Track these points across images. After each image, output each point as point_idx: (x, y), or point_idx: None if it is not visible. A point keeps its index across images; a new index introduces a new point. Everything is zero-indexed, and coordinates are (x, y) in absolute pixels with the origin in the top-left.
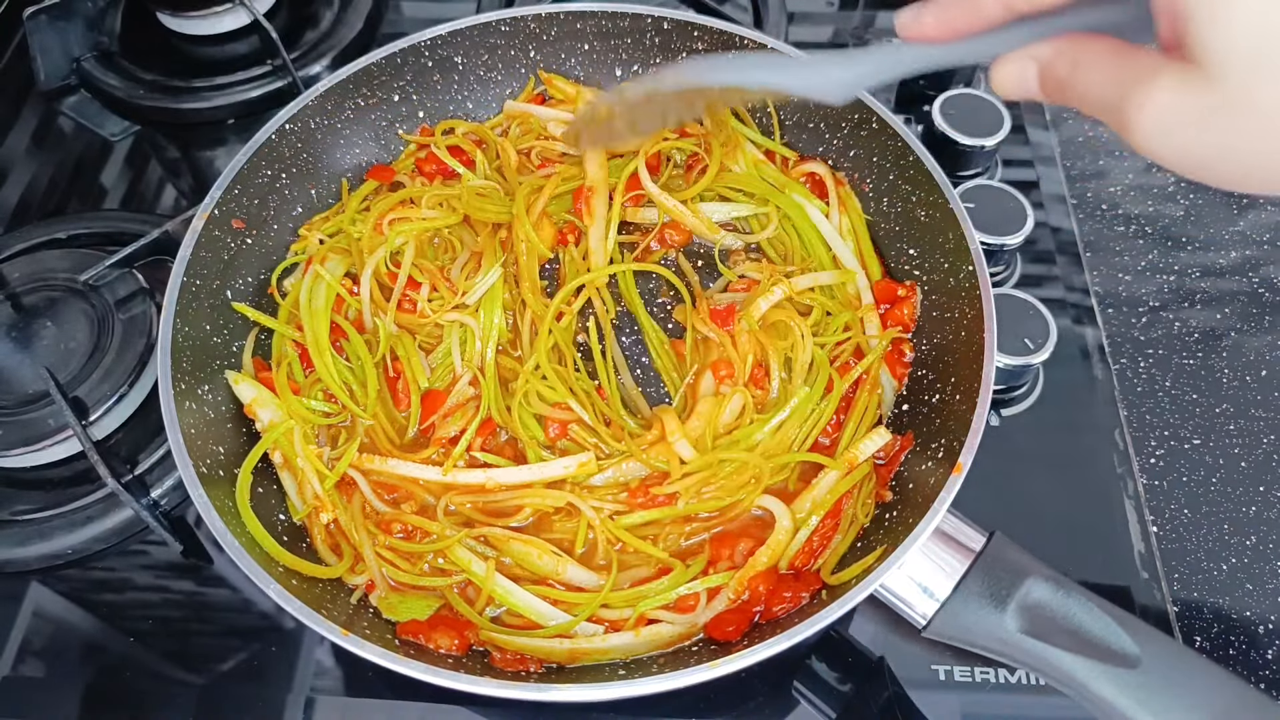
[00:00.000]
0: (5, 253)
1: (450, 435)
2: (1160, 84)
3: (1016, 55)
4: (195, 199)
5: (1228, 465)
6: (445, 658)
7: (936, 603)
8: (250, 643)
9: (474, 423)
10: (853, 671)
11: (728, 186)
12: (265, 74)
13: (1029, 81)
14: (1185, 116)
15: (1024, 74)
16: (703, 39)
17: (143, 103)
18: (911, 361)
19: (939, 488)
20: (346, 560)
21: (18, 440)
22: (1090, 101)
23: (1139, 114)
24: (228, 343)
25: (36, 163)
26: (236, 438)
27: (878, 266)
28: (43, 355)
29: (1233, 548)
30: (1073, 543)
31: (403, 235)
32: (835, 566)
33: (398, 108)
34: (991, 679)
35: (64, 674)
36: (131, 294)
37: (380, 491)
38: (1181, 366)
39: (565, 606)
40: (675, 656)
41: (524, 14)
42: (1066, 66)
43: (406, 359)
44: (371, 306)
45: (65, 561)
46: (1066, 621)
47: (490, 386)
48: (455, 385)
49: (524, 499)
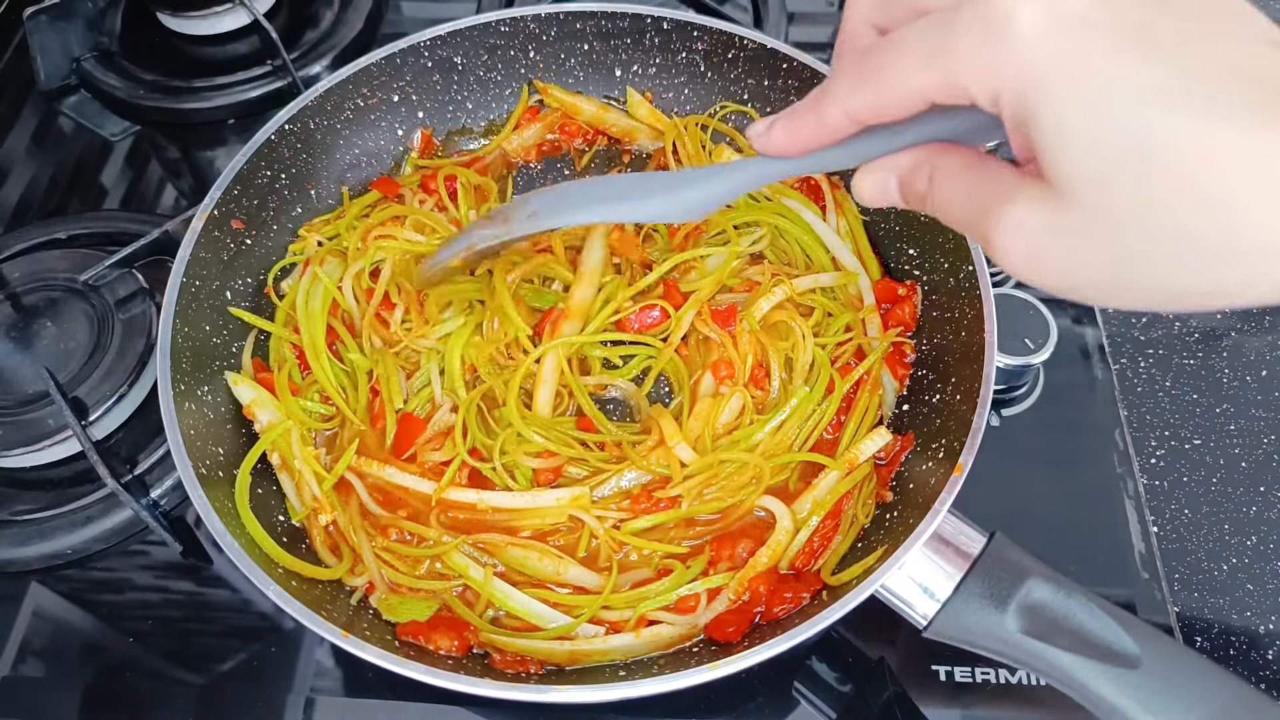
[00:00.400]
0: (5, 253)
1: (438, 462)
2: (1019, 204)
3: (876, 166)
4: (195, 199)
5: (1228, 465)
6: (445, 659)
7: (937, 603)
8: (250, 643)
9: (458, 459)
10: (853, 672)
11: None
12: (265, 74)
13: (891, 193)
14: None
15: (885, 185)
16: (703, 39)
17: (143, 103)
18: (913, 362)
19: (939, 488)
20: (346, 562)
21: (18, 440)
22: (950, 217)
23: (1000, 234)
24: (227, 343)
25: (36, 163)
26: (236, 439)
27: (877, 267)
28: (42, 355)
29: (1233, 548)
30: (1073, 543)
31: (383, 252)
32: (836, 567)
33: (397, 108)
34: (992, 679)
35: (64, 674)
36: (131, 294)
37: (376, 496)
38: (1182, 366)
39: (565, 609)
40: (676, 657)
41: (524, 14)
42: (924, 180)
43: (385, 379)
44: (358, 313)
45: (65, 562)
46: (1067, 622)
47: (470, 416)
48: (435, 414)
49: (523, 520)
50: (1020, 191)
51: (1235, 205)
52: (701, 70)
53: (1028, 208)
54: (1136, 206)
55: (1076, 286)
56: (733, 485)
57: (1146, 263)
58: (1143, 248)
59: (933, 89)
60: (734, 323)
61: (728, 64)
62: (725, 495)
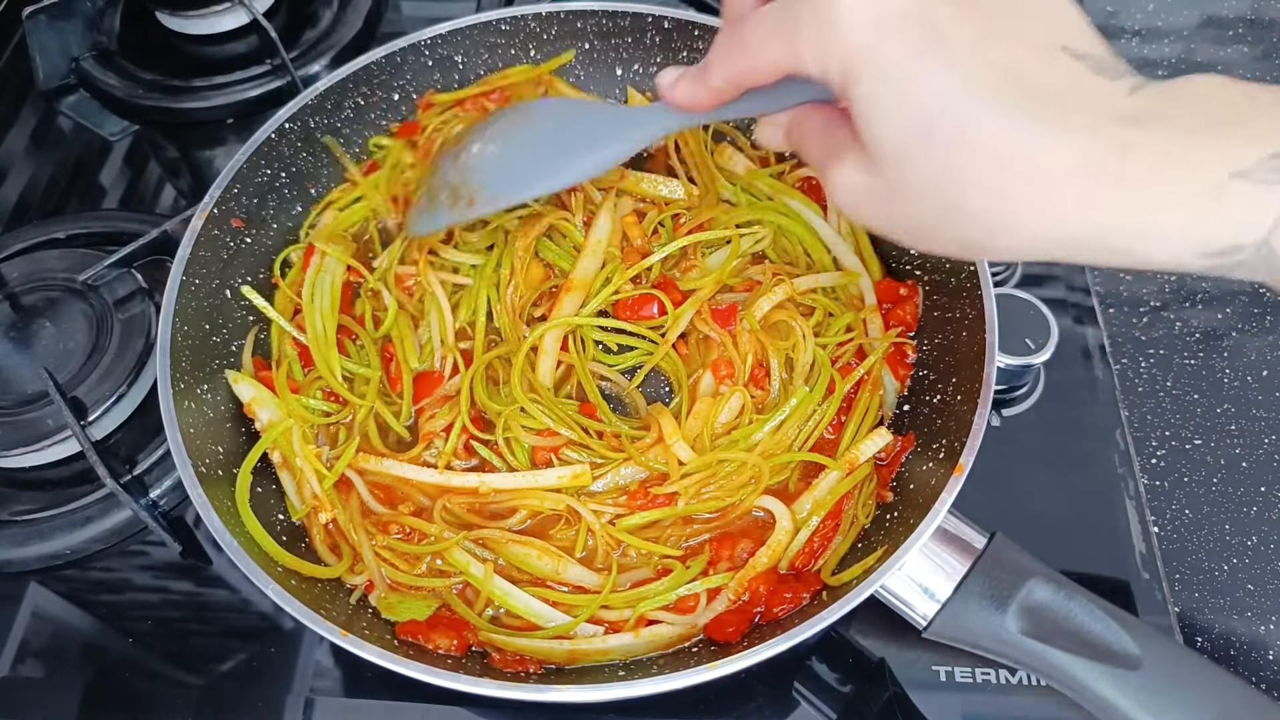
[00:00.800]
0: (4, 252)
1: (438, 429)
2: (847, 163)
3: (768, 120)
4: (194, 198)
5: (1229, 465)
6: (444, 658)
7: (937, 604)
8: (249, 643)
9: (459, 420)
10: (853, 672)
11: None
12: (264, 73)
13: (779, 140)
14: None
15: (775, 135)
16: (704, 38)
17: (142, 102)
18: (914, 362)
19: (940, 488)
20: (345, 560)
21: (17, 440)
22: (810, 164)
23: (832, 185)
24: (227, 342)
25: (35, 162)
26: (235, 437)
27: (878, 267)
28: (42, 355)
29: (1234, 548)
30: (1074, 543)
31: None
32: (836, 567)
33: (397, 107)
34: (992, 680)
35: (63, 674)
36: (130, 294)
37: (377, 493)
38: (1183, 366)
39: (565, 608)
40: (675, 657)
41: (524, 13)
42: (797, 134)
43: (400, 340)
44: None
45: (64, 562)
46: (1067, 623)
47: (478, 378)
48: (444, 378)
49: (521, 501)
50: (849, 153)
51: (1002, 192)
52: None
53: (852, 166)
54: (929, 179)
55: (891, 231)
56: (731, 485)
57: (941, 221)
58: (936, 209)
59: (783, 62)
60: (734, 322)
61: None
62: (723, 494)
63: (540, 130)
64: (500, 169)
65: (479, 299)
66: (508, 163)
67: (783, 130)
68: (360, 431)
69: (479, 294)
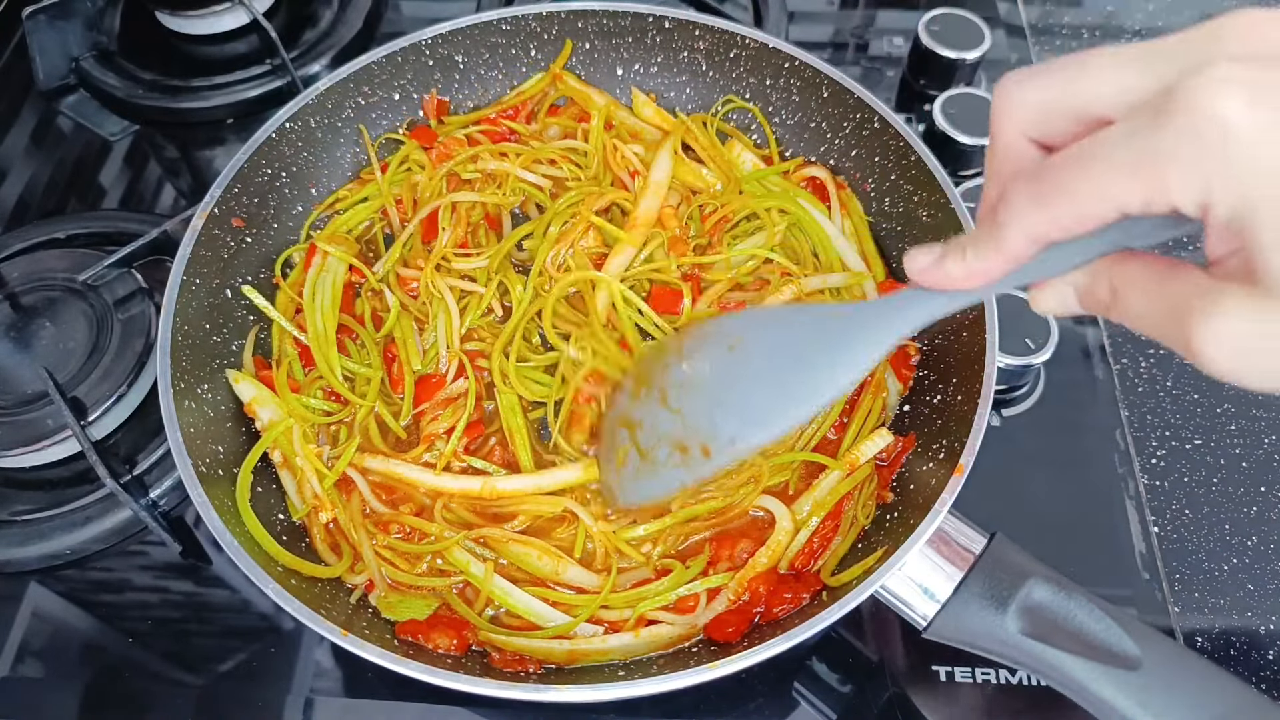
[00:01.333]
0: (4, 252)
1: (439, 431)
2: (1226, 308)
3: (1053, 284)
4: (194, 198)
5: (1229, 465)
6: (444, 658)
7: (937, 604)
8: (249, 643)
9: (461, 421)
10: (853, 672)
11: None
12: (264, 73)
13: (1070, 305)
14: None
15: (1064, 300)
16: (704, 38)
17: (142, 102)
18: (916, 363)
19: (940, 489)
20: (345, 560)
21: (17, 440)
22: (1141, 325)
23: (1203, 342)
24: (227, 341)
25: (35, 162)
26: (236, 437)
27: (881, 268)
28: (42, 355)
29: (1234, 548)
30: (1074, 543)
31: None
32: (835, 568)
33: (398, 107)
34: (992, 680)
35: (63, 674)
36: (130, 294)
37: (378, 493)
38: (1183, 366)
39: (564, 608)
40: (675, 657)
41: (525, 13)
42: (1105, 289)
43: (403, 341)
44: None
45: (64, 562)
46: (1067, 623)
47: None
48: (446, 380)
49: (520, 505)
50: (1224, 297)
51: None
52: (703, 69)
53: (1235, 314)
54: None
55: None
56: (730, 485)
57: None
58: None
59: (1133, 202)
60: None
61: (729, 63)
62: (722, 494)
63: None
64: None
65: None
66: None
67: (1073, 292)
68: (361, 431)
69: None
